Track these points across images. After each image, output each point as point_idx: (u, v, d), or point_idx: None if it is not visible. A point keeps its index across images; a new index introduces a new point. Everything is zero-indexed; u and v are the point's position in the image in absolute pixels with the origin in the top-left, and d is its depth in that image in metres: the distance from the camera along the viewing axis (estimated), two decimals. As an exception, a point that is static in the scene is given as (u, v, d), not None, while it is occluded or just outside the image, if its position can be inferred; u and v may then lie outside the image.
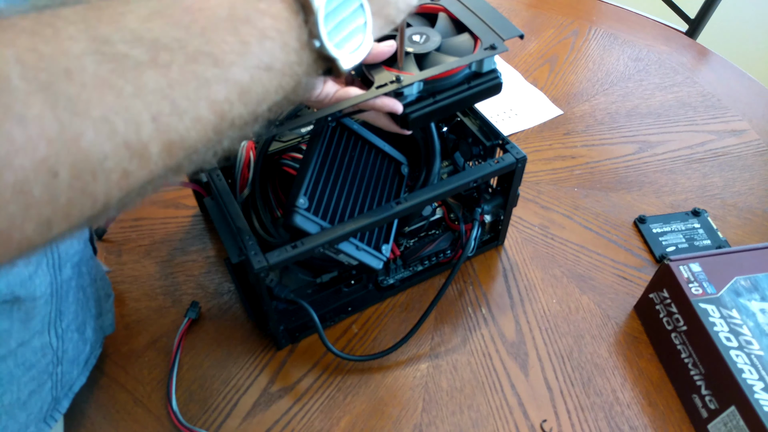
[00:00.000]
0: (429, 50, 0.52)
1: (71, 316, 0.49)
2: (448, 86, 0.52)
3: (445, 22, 0.55)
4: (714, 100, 0.90)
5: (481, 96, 0.53)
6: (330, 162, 0.56)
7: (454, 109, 0.53)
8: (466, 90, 0.52)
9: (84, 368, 0.54)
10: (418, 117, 0.50)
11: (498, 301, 0.65)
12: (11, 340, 0.43)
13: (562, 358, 0.61)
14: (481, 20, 0.53)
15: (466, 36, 0.53)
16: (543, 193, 0.77)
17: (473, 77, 0.53)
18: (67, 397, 0.53)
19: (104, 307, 0.58)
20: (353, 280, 0.62)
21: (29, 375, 0.46)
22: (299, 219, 0.51)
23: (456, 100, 0.52)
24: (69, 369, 0.51)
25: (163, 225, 0.72)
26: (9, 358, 0.43)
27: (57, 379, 0.50)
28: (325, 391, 0.58)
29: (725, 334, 0.53)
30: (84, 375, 0.54)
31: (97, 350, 0.57)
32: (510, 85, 0.93)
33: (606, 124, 0.86)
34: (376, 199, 0.58)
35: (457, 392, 0.58)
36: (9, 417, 0.45)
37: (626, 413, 0.57)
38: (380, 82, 0.48)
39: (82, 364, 0.54)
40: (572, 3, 1.10)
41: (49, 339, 0.47)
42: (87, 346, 0.54)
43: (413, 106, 0.50)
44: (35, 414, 0.48)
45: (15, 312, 0.42)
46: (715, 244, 0.70)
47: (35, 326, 0.45)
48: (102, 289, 0.57)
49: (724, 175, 0.79)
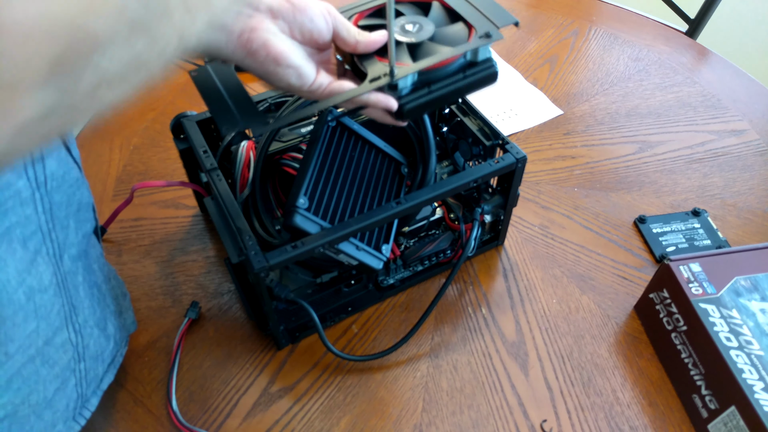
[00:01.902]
0: (422, 40, 0.51)
1: (87, 312, 0.49)
2: (443, 76, 0.50)
3: (438, 11, 0.54)
4: (714, 100, 0.90)
5: (476, 85, 0.52)
6: (330, 162, 0.56)
7: (450, 100, 0.52)
8: (462, 80, 0.51)
9: (111, 366, 0.54)
10: (412, 108, 0.49)
11: (498, 301, 0.65)
12: (39, 339, 0.43)
13: (562, 358, 0.61)
14: (475, 8, 0.52)
15: (460, 25, 0.52)
16: (543, 193, 0.77)
17: (468, 66, 0.51)
18: (96, 394, 0.53)
19: (123, 305, 0.58)
20: (353, 280, 0.62)
21: (53, 373, 0.46)
22: (299, 219, 0.51)
23: (451, 90, 0.51)
24: (93, 365, 0.51)
25: (163, 225, 0.72)
26: (37, 358, 0.43)
27: (81, 376, 0.50)
28: (325, 391, 0.58)
29: (725, 334, 0.53)
30: (111, 372, 0.54)
31: (122, 348, 0.56)
32: (510, 85, 0.93)
33: (606, 124, 0.86)
34: (376, 199, 0.58)
35: (457, 392, 0.58)
36: (36, 417, 0.45)
37: (626, 413, 0.57)
38: (373, 75, 0.47)
39: (108, 361, 0.54)
40: (572, 3, 1.10)
41: (68, 334, 0.47)
42: (110, 342, 0.54)
43: (408, 97, 0.49)
44: (61, 412, 0.48)
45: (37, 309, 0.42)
46: (715, 244, 0.70)
47: (54, 322, 0.45)
48: (117, 287, 0.57)
49: (724, 175, 0.79)
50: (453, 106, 0.67)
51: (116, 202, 0.74)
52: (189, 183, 0.68)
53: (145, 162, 0.80)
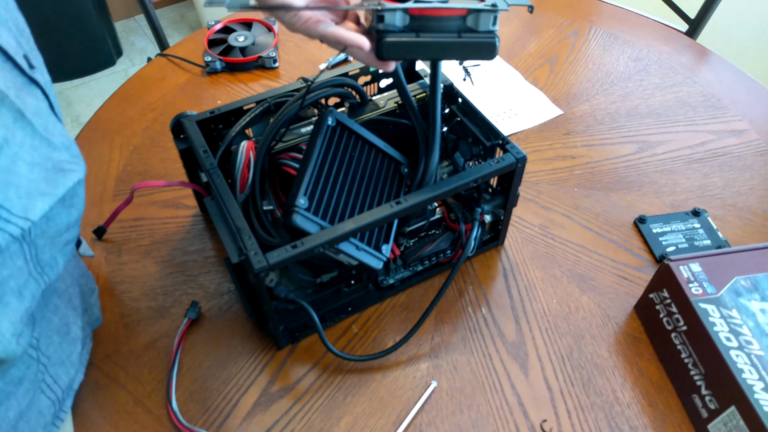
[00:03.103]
0: None
1: (45, 324, 0.48)
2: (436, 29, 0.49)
3: None
4: (714, 100, 0.90)
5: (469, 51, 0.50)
6: (330, 162, 0.56)
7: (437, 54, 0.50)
8: (455, 38, 0.49)
9: (80, 365, 0.54)
10: (393, 43, 0.48)
11: (498, 301, 0.65)
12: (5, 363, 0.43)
13: (562, 358, 0.61)
14: None
15: None
16: (543, 193, 0.77)
17: (466, 31, 0.50)
18: (69, 396, 0.53)
19: (89, 302, 0.58)
20: (353, 280, 0.62)
21: (23, 389, 0.46)
22: (299, 219, 0.51)
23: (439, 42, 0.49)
24: (62, 371, 0.51)
25: (163, 225, 0.72)
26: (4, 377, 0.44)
27: (49, 384, 0.50)
28: (325, 391, 0.58)
29: (725, 334, 0.53)
30: (81, 372, 0.54)
31: (88, 345, 0.57)
32: (510, 85, 0.93)
33: (606, 124, 0.86)
34: (376, 199, 0.58)
35: (457, 392, 0.58)
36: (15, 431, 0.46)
37: (626, 413, 0.57)
38: None
39: (76, 362, 0.54)
40: (572, 3, 1.10)
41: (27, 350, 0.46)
42: (77, 345, 0.54)
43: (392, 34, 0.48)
44: (35, 420, 0.48)
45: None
46: (715, 244, 0.70)
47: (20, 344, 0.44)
48: (86, 285, 0.57)
49: (724, 175, 0.79)
50: (453, 106, 0.67)
51: (116, 202, 0.74)
52: (189, 183, 0.68)
53: (145, 162, 0.80)
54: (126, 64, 2.11)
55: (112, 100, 0.90)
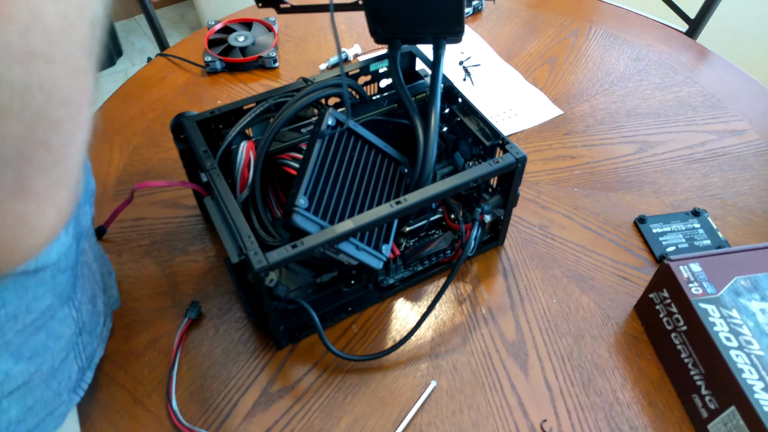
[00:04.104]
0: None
1: (80, 291, 0.51)
2: None
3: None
4: (714, 100, 0.90)
5: None
6: (330, 162, 0.56)
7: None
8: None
9: (101, 340, 0.56)
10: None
11: (498, 301, 0.65)
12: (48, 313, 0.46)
13: (562, 358, 0.61)
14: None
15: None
16: (543, 193, 0.77)
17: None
18: (90, 368, 0.54)
19: (108, 283, 0.60)
20: (353, 280, 0.62)
21: (59, 345, 0.48)
22: (299, 219, 0.51)
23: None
24: (89, 340, 0.53)
25: (163, 225, 0.72)
26: (42, 330, 0.46)
27: (80, 350, 0.52)
28: (325, 391, 0.58)
29: (725, 334, 0.53)
30: (101, 347, 0.56)
31: (108, 323, 0.59)
32: (510, 85, 0.93)
33: (606, 124, 0.86)
34: (376, 199, 0.58)
35: (457, 392, 0.58)
36: (45, 386, 0.47)
37: (626, 413, 0.57)
38: None
39: (99, 336, 0.56)
40: (572, 3, 1.10)
41: (69, 311, 0.49)
42: (101, 317, 0.56)
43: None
44: (65, 383, 0.50)
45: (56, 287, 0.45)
46: (715, 244, 0.70)
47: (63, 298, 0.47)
48: (104, 266, 0.59)
49: (724, 175, 0.79)
50: (453, 106, 0.67)
51: (116, 202, 0.74)
52: (189, 183, 0.68)
53: (145, 162, 0.80)
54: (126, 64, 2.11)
55: (112, 100, 0.90)
